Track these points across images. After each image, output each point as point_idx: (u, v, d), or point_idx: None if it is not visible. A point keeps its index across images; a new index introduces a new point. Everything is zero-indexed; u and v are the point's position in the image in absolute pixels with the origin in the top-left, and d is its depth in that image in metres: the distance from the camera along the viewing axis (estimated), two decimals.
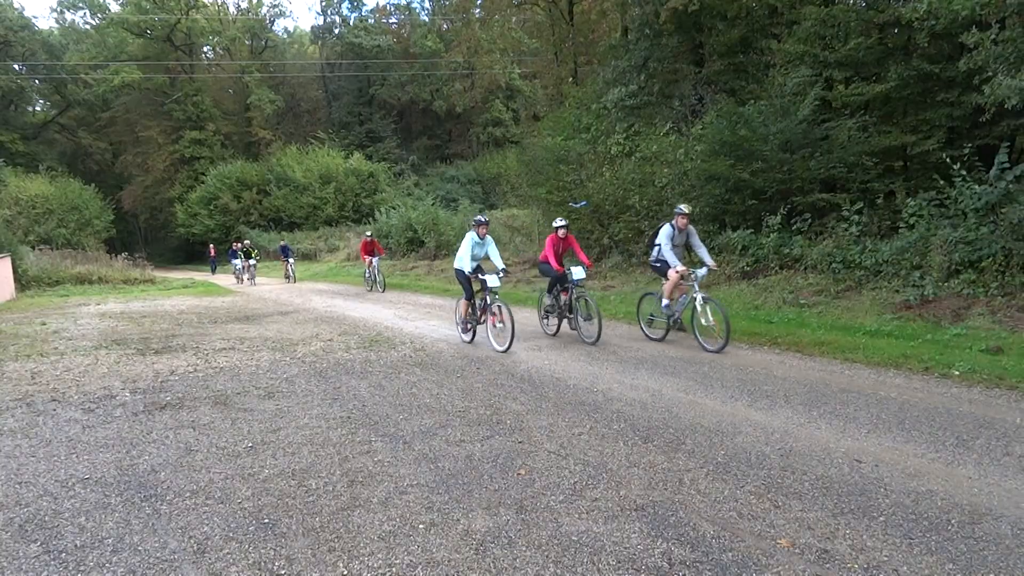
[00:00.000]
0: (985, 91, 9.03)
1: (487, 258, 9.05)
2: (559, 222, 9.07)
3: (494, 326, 8.39)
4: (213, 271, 35.14)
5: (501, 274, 8.51)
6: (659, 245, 8.43)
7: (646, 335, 8.88)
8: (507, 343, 8.06)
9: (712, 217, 12.86)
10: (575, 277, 8.70)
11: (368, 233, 19.39)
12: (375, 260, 18.22)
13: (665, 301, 8.36)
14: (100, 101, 54.90)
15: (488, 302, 8.53)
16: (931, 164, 10.92)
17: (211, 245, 38.60)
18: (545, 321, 9.56)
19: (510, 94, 54.98)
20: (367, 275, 18.67)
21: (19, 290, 19.41)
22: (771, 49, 13.61)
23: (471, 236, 8.72)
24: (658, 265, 8.58)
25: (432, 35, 53.32)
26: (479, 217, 8.86)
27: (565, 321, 9.22)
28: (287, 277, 23.96)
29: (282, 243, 26.77)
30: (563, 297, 9.05)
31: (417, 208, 27.78)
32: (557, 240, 9.04)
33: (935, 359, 6.58)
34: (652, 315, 8.79)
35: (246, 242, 26.92)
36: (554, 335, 9.31)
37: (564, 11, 26.77)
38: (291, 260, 24.37)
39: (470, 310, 8.92)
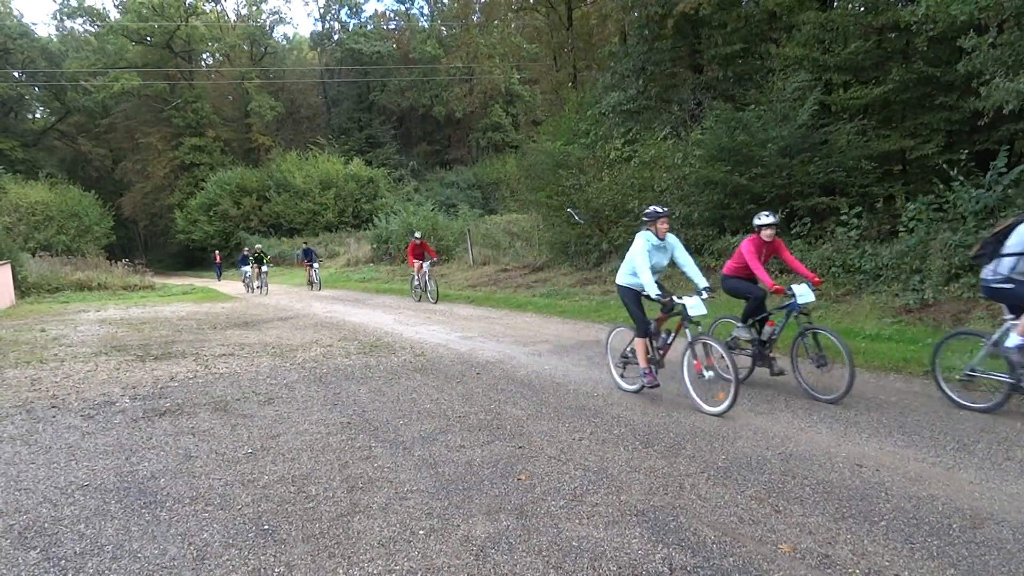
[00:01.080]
0: (982, 93, 9.04)
1: (671, 268, 6.21)
2: (766, 218, 6.02)
3: (700, 374, 5.45)
4: (219, 277, 34.24)
5: (705, 295, 5.65)
6: (1020, 254, 5.03)
7: (953, 400, 5.32)
8: (728, 400, 5.16)
9: (711, 221, 12.88)
10: (800, 300, 5.76)
11: (417, 234, 16.51)
12: (426, 265, 15.49)
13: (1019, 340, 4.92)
14: (100, 108, 55.03)
15: (689, 338, 5.58)
16: (930, 168, 10.93)
17: (216, 251, 37.71)
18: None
19: (509, 99, 55.17)
20: (415, 283, 16.07)
21: (19, 297, 19.42)
22: (770, 54, 13.65)
23: (645, 238, 5.84)
24: (1009, 287, 5.07)
25: (431, 41, 53.53)
26: (655, 208, 5.93)
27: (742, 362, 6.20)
28: (311, 284, 21.86)
29: (304, 246, 24.39)
30: (767, 328, 6.19)
31: (417, 213, 27.81)
32: (760, 244, 6.08)
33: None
34: (975, 370, 5.25)
35: (257, 247, 24.09)
36: (743, 381, 5.86)
37: (563, 16, 26.88)
38: (315, 265, 22.00)
39: (650, 347, 5.94)
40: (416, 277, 15.91)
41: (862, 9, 12.19)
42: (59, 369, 8.16)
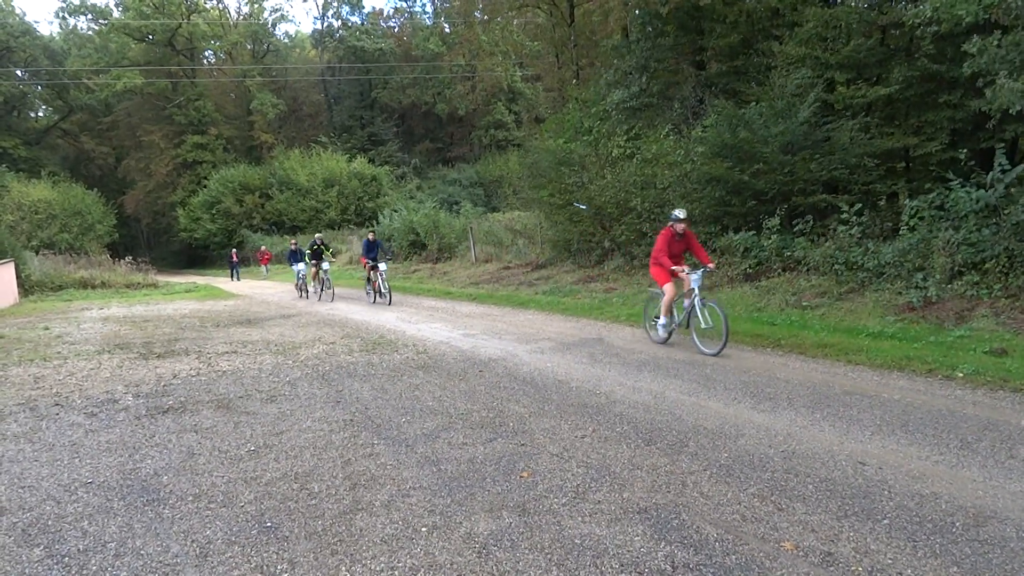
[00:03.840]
0: (987, 95, 8.98)
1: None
2: None
3: None
4: (235, 277, 31.36)
5: None
6: None
7: None
8: None
9: (713, 219, 12.86)
10: None
11: (679, 215, 8.13)
12: (695, 277, 7.88)
13: None
14: (102, 106, 55.21)
15: None
16: (933, 166, 10.91)
17: (233, 249, 35.05)
18: None
19: (512, 97, 55.18)
20: (658, 310, 8.42)
21: (22, 295, 19.47)
22: (772, 51, 13.62)
23: None
24: None
25: (435, 37, 53.53)
26: None
27: None
28: (377, 293, 15.21)
29: (370, 235, 16.05)
30: None
31: (419, 211, 27.76)
32: None
33: (939, 361, 6.56)
34: None
35: (317, 236, 18.16)
36: None
37: (565, 13, 26.83)
38: (383, 266, 14.91)
39: None
40: (665, 296, 8.18)
41: (865, 6, 12.16)
42: (62, 367, 8.18)
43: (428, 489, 3.91)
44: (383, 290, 14.92)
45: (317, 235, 18.66)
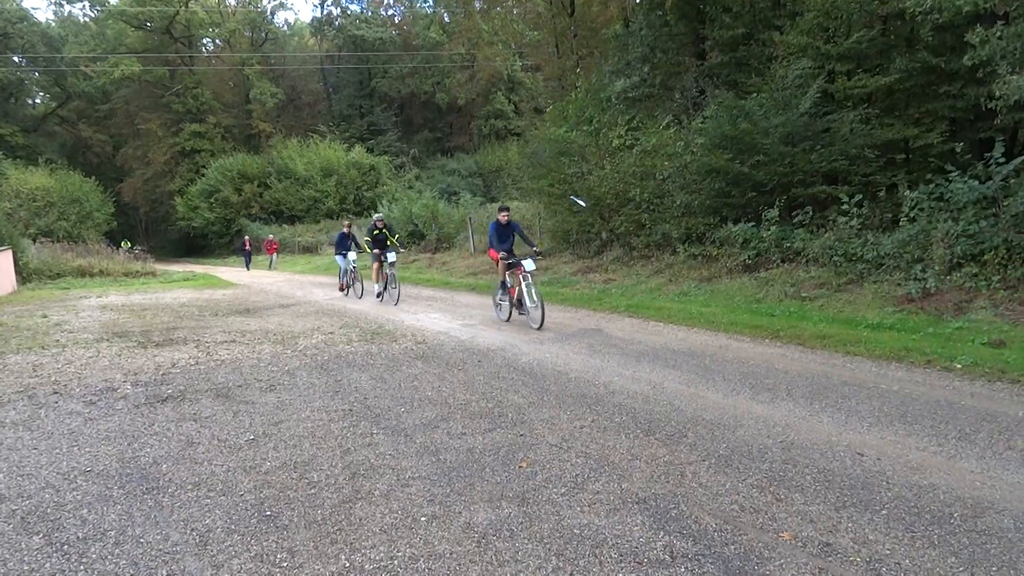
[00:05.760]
0: (995, 91, 8.92)
1: None
2: None
3: None
4: (247, 266, 30.66)
5: None
6: None
7: None
8: None
9: (712, 210, 12.83)
10: None
11: None
12: None
13: None
14: (100, 93, 54.96)
15: None
16: (933, 157, 10.88)
17: (247, 237, 33.72)
18: None
19: (512, 86, 54.95)
20: None
21: (20, 283, 19.43)
22: (773, 41, 13.55)
23: None
24: None
25: (435, 26, 53.24)
26: None
27: None
28: (517, 305, 9.75)
29: (502, 216, 9.98)
30: None
31: (417, 201, 27.70)
32: None
33: (937, 352, 6.57)
34: None
35: (377, 219, 13.99)
36: None
37: (565, 2, 26.64)
38: (530, 265, 9.22)
39: None
40: None
41: None
42: (61, 355, 8.17)
43: (427, 479, 3.91)
44: (527, 301, 9.35)
45: (377, 215, 14.44)
